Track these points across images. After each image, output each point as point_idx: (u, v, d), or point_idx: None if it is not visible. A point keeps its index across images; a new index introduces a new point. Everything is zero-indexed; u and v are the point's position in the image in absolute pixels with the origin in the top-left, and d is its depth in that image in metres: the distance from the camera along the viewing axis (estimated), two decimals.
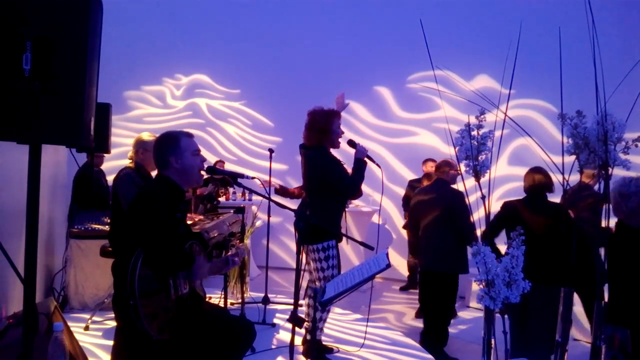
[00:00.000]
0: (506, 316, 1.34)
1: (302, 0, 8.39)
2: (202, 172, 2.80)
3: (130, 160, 4.13)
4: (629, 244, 2.85)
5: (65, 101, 1.62)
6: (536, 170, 3.95)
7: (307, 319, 4.10)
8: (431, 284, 4.59)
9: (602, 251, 2.81)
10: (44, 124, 1.61)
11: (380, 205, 6.51)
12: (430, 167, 6.26)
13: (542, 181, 3.87)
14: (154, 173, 3.52)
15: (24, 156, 1.76)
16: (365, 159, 3.94)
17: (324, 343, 4.30)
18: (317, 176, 3.90)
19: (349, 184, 3.87)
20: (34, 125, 1.60)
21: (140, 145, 4.04)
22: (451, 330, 4.95)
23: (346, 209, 4.32)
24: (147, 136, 4.07)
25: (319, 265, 3.88)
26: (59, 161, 5.62)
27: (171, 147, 2.66)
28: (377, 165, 3.99)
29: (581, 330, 4.92)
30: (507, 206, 4.02)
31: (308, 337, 4.01)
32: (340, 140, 3.99)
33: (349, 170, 3.96)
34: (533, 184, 3.89)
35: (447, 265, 4.43)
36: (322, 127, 3.88)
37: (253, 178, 3.49)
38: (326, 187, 3.87)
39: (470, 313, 5.97)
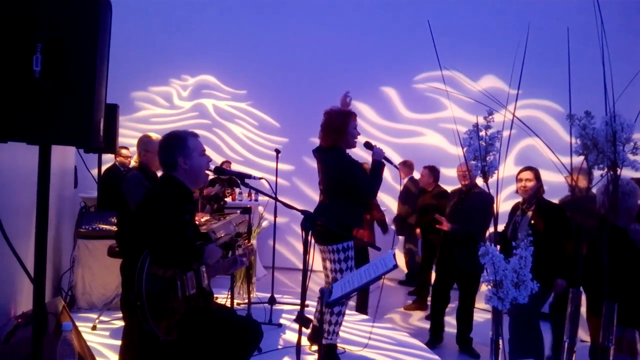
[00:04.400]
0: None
1: (308, 1, 8.40)
2: (208, 172, 2.82)
3: (135, 162, 4.14)
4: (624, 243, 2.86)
5: (75, 102, 1.63)
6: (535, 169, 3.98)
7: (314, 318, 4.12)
8: None
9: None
10: (54, 125, 1.62)
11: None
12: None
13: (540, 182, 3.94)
14: (159, 173, 3.54)
15: (32, 156, 1.77)
16: (383, 160, 3.94)
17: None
18: (336, 177, 3.87)
19: (367, 186, 3.86)
20: (44, 126, 1.61)
21: (142, 146, 4.05)
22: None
23: None
24: (148, 137, 4.09)
25: (338, 266, 3.86)
26: (66, 161, 5.65)
27: (179, 147, 2.66)
28: (395, 166, 4.00)
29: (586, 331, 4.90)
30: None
31: (325, 339, 3.98)
32: (355, 140, 3.97)
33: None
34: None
35: None
36: (337, 128, 3.85)
37: (260, 179, 3.50)
38: (345, 188, 3.84)
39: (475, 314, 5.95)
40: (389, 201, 7.92)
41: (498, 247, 1.40)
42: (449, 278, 4.87)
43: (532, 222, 3.80)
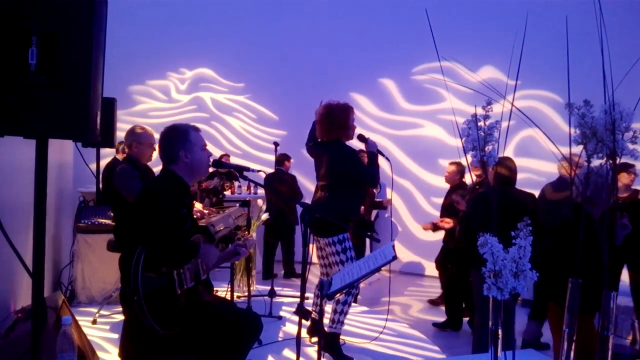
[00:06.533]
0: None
1: None
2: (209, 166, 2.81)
3: (123, 154, 4.14)
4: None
5: (71, 96, 1.62)
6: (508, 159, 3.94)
7: (314, 310, 4.14)
8: None
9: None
10: (50, 119, 1.61)
11: (391, 198, 6.51)
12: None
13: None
14: (155, 169, 3.53)
15: (30, 151, 1.77)
16: (376, 151, 4.02)
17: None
18: (339, 170, 3.92)
19: (370, 175, 3.94)
20: (40, 119, 1.60)
21: (133, 137, 4.04)
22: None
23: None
24: (139, 129, 4.09)
25: (337, 258, 3.88)
26: (65, 156, 5.64)
27: (181, 140, 2.65)
28: (386, 158, 4.03)
29: None
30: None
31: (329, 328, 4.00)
32: (353, 133, 4.06)
33: None
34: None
35: None
36: (341, 122, 3.93)
37: (258, 171, 3.50)
38: (347, 179, 3.91)
39: None
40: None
41: None
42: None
43: None
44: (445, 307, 5.16)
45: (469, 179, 5.17)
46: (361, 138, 4.05)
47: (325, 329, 3.96)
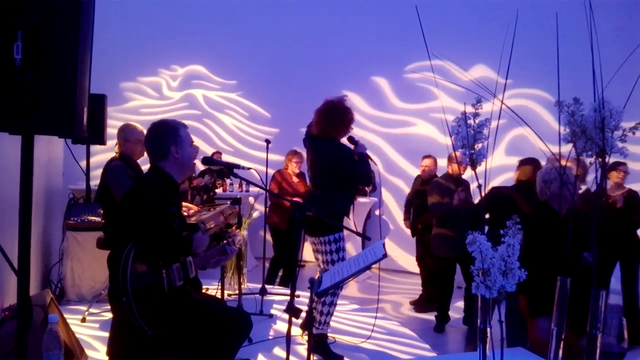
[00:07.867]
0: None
1: None
2: (197, 162, 2.79)
3: (116, 152, 4.13)
4: (550, 223, 3.01)
5: (57, 91, 1.60)
6: (534, 161, 3.98)
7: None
8: None
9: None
10: (36, 114, 1.59)
11: (380, 197, 6.53)
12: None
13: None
14: (144, 167, 3.51)
15: (17, 147, 1.75)
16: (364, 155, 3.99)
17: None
18: (332, 167, 3.87)
19: (363, 173, 3.90)
20: (26, 115, 1.58)
21: (122, 135, 4.03)
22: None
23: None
24: (129, 125, 4.07)
25: (329, 257, 3.86)
26: (54, 153, 5.60)
27: (172, 136, 2.63)
28: (374, 162, 4.02)
29: None
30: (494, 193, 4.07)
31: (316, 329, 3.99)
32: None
33: None
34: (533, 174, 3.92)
35: None
36: (346, 122, 3.88)
37: (249, 169, 3.49)
38: (339, 177, 3.86)
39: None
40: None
41: None
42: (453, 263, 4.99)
43: None
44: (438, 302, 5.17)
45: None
46: (351, 140, 4.00)
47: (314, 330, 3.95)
